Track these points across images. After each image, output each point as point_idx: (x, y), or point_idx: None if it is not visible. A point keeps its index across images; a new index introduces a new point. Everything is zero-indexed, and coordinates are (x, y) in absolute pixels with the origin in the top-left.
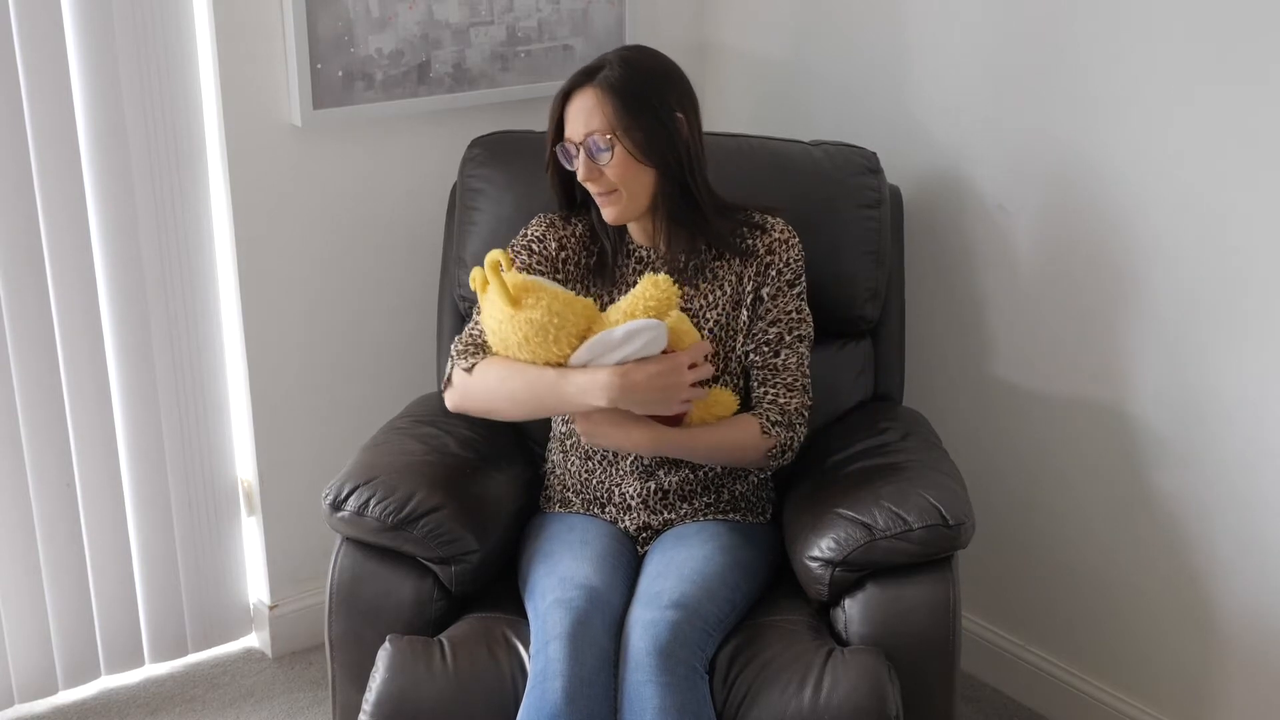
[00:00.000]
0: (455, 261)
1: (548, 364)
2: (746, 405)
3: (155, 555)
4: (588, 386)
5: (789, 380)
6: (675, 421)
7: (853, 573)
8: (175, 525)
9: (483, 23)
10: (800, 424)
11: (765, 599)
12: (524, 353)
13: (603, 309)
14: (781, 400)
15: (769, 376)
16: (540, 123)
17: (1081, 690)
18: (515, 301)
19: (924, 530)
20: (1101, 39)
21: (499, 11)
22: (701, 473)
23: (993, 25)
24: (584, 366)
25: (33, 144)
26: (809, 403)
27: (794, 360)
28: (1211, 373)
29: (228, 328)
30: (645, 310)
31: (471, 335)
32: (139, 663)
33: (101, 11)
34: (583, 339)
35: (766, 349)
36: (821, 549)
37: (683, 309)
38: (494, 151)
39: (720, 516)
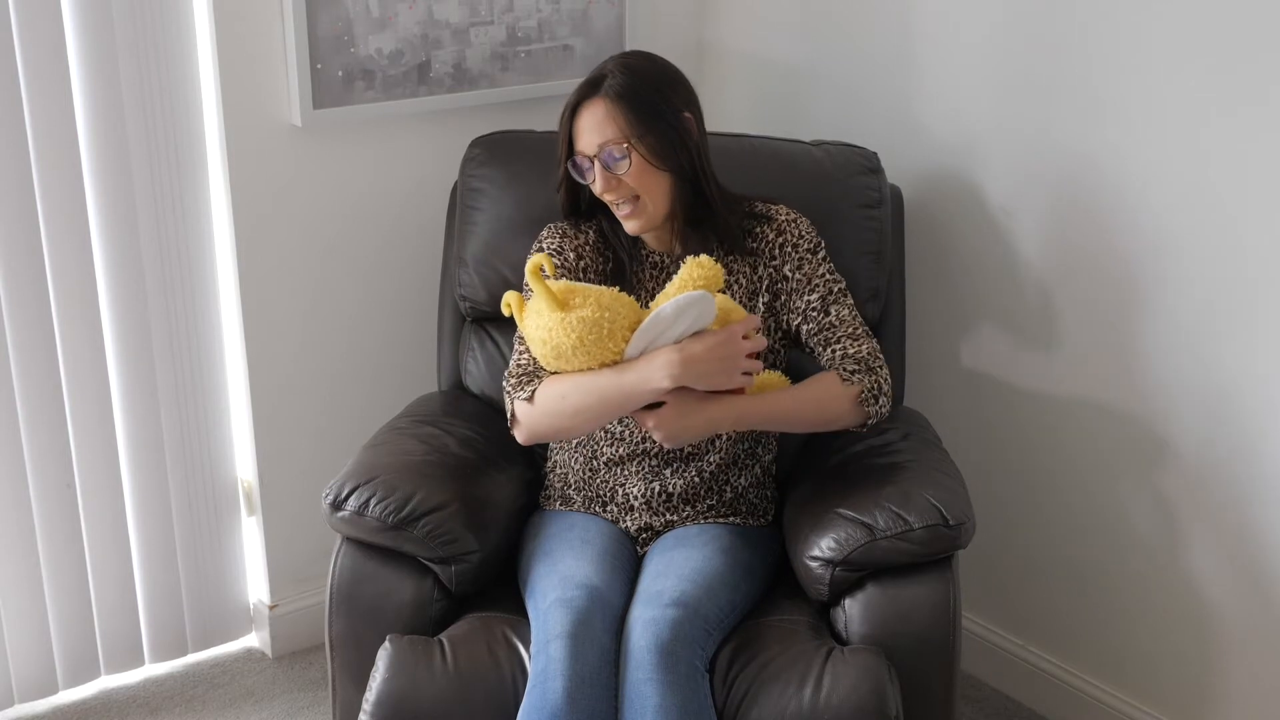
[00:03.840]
0: (455, 261)
1: (603, 364)
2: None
3: (155, 555)
4: (649, 371)
5: (850, 331)
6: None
7: (853, 573)
8: (175, 525)
9: (483, 23)
10: (879, 366)
11: (765, 599)
12: (579, 356)
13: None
14: (851, 350)
15: (829, 336)
16: (541, 122)
17: (1081, 690)
18: (564, 304)
19: (924, 530)
20: (1104, 38)
21: (499, 11)
22: (707, 474)
23: (995, 24)
24: (640, 356)
25: (33, 144)
26: (878, 347)
27: (846, 313)
28: (1212, 372)
29: (228, 328)
30: (693, 289)
31: (520, 364)
32: (139, 663)
33: (101, 11)
34: (634, 332)
35: (816, 313)
36: (822, 549)
37: None
38: (494, 151)
39: (722, 520)
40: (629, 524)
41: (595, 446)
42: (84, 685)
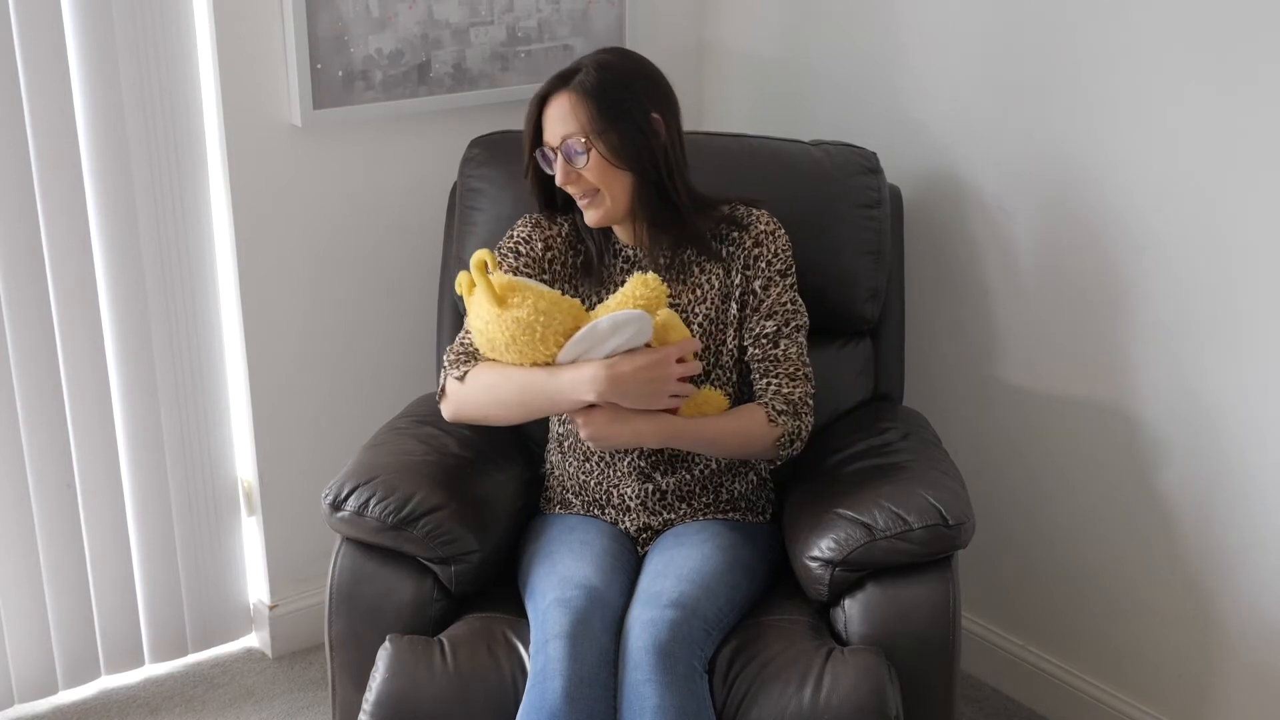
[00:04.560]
0: (455, 261)
1: (535, 364)
2: (741, 404)
3: (155, 555)
4: (575, 382)
5: (791, 370)
6: None
7: (853, 573)
8: (175, 525)
9: (483, 23)
10: (806, 412)
11: (765, 599)
12: (511, 353)
13: (590, 309)
14: (785, 390)
15: (770, 368)
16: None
17: (1081, 690)
18: (501, 301)
19: (924, 530)
20: (1101, 40)
21: (499, 11)
22: (698, 472)
23: (993, 25)
24: (572, 364)
25: (33, 144)
26: (812, 390)
27: (794, 350)
28: (1211, 371)
29: (228, 328)
30: (634, 308)
31: (463, 344)
32: (139, 663)
33: (101, 11)
34: (569, 338)
35: (765, 341)
36: (821, 549)
37: (671, 305)
38: (494, 151)
39: (720, 516)
40: (628, 525)
41: (586, 448)
42: (84, 685)
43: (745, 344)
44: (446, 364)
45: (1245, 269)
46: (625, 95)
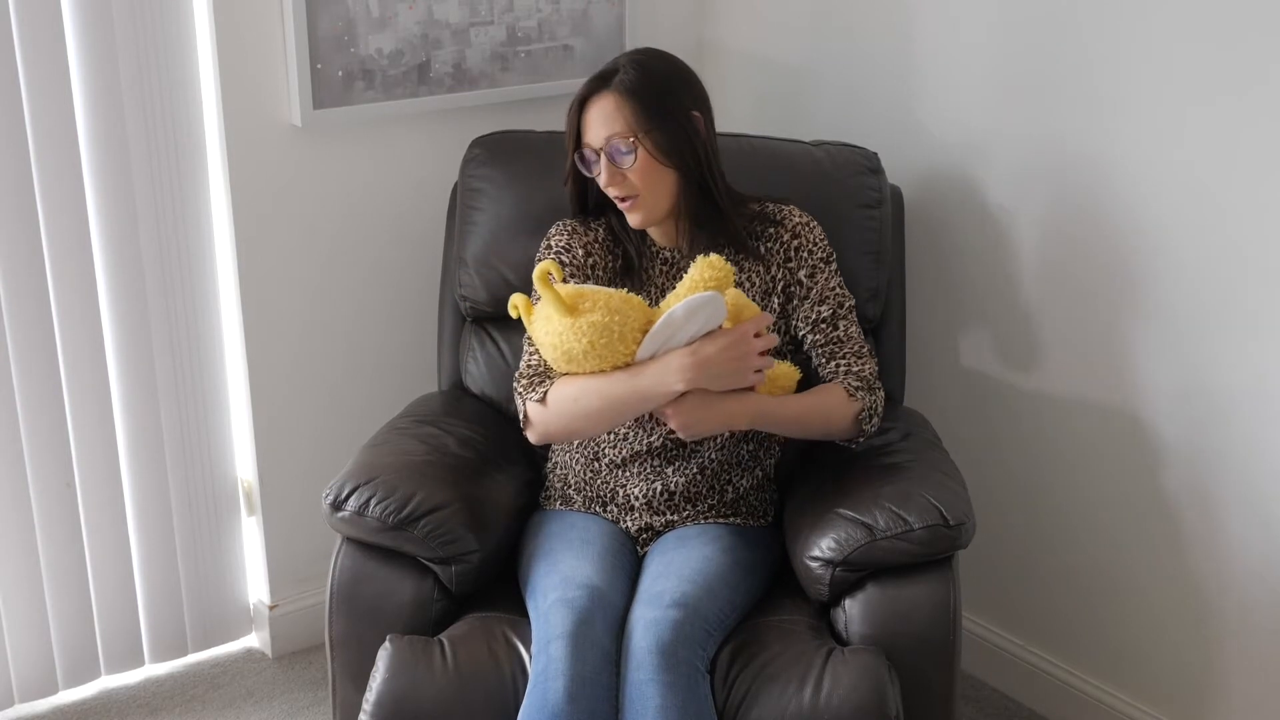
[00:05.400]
0: (455, 261)
1: (615, 368)
2: (805, 385)
3: (155, 555)
4: (662, 374)
5: (856, 349)
6: None
7: (853, 573)
8: (175, 525)
9: (483, 23)
10: (879, 388)
11: (765, 599)
12: (590, 360)
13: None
14: (855, 368)
15: (836, 350)
16: (541, 122)
17: (1081, 690)
18: (572, 309)
19: (924, 530)
20: (1104, 38)
21: (499, 11)
22: (709, 472)
23: (995, 25)
24: (652, 358)
25: (33, 144)
26: (878, 368)
27: (854, 330)
28: (1214, 372)
29: (228, 328)
30: (704, 290)
31: (530, 365)
32: (139, 663)
33: (101, 11)
34: (644, 334)
35: (825, 325)
36: (822, 549)
37: None
38: (494, 151)
39: (722, 520)
40: (629, 524)
41: (598, 448)
42: (84, 685)
43: (802, 333)
44: (520, 390)
45: (1250, 268)
46: (666, 93)
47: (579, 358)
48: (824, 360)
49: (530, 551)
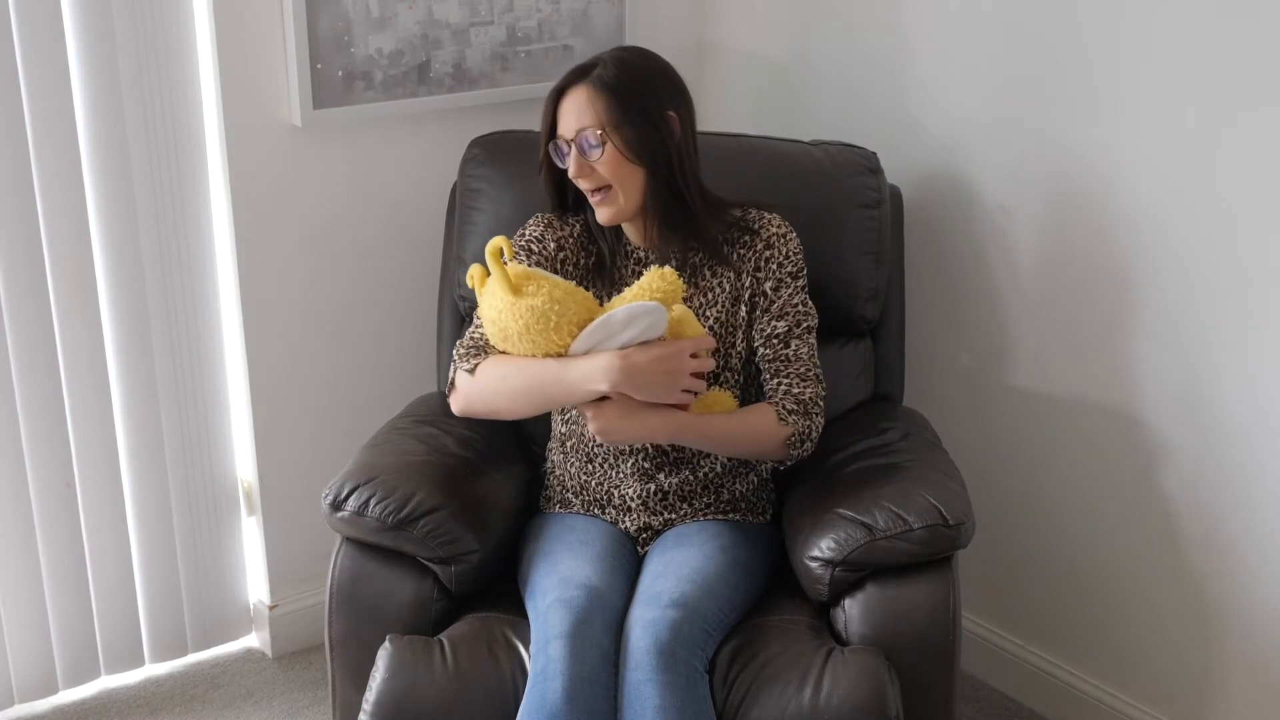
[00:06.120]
0: (455, 261)
1: (549, 355)
2: (750, 404)
3: (155, 555)
4: (589, 372)
5: (802, 370)
6: None
7: (853, 573)
8: (175, 525)
9: (483, 23)
10: (817, 413)
11: (765, 599)
12: (524, 343)
13: (603, 305)
14: (796, 390)
15: (781, 368)
16: (540, 123)
17: (1081, 690)
18: (516, 289)
19: (924, 530)
20: (1103, 38)
21: (499, 11)
22: (702, 473)
23: (994, 25)
24: (585, 354)
25: (33, 144)
26: (823, 392)
27: (805, 351)
28: (1213, 373)
29: (228, 328)
30: (650, 300)
31: (473, 338)
32: (139, 663)
33: (101, 11)
34: (583, 329)
35: (776, 341)
36: (822, 549)
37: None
38: (494, 151)
39: (720, 516)
40: (628, 524)
41: (590, 447)
42: (84, 685)
43: (756, 344)
44: (456, 357)
45: (1249, 269)
46: (643, 91)
47: (514, 338)
48: (768, 376)
49: (530, 553)
